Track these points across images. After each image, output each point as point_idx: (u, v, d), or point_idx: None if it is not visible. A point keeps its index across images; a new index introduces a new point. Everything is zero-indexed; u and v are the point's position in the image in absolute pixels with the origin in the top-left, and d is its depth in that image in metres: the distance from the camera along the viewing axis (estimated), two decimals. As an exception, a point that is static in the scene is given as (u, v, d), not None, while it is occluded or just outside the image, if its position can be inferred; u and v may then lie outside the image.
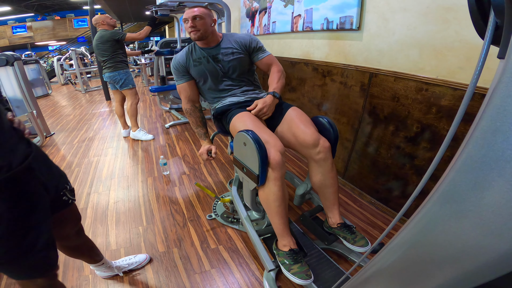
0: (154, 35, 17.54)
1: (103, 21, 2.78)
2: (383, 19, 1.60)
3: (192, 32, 1.43)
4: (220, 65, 1.48)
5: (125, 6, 9.63)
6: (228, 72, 1.50)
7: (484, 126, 0.26)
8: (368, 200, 1.92)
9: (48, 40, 17.10)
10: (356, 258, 1.37)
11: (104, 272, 1.34)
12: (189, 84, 1.53)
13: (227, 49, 1.48)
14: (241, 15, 3.59)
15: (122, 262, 1.39)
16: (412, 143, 1.54)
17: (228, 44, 1.49)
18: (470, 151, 0.27)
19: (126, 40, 2.79)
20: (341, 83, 1.99)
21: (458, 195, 0.29)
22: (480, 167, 0.26)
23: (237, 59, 1.49)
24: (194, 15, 1.40)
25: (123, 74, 2.90)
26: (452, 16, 1.25)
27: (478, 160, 0.26)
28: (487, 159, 0.25)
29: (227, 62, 1.48)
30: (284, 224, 1.19)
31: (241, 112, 1.38)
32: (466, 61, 1.24)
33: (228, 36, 1.53)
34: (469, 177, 0.27)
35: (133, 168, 2.55)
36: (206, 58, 1.48)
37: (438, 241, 0.33)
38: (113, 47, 2.78)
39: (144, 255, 1.46)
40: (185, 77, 1.52)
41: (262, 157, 1.07)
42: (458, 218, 0.29)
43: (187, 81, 1.52)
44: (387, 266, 0.47)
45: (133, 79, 3.05)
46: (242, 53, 1.50)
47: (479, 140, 0.26)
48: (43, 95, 6.55)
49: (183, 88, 1.54)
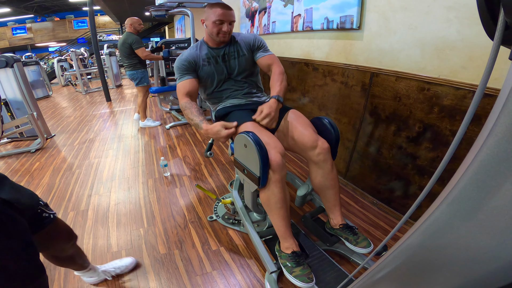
0: (153, 35, 17.53)
1: (131, 24, 3.20)
2: (384, 18, 1.59)
3: (223, 36, 1.41)
4: (227, 66, 1.47)
5: (124, 7, 9.65)
6: (233, 73, 1.49)
7: (498, 133, 0.25)
8: (370, 200, 1.91)
9: (48, 41, 17.12)
10: (358, 259, 1.36)
11: (91, 277, 1.31)
12: (192, 82, 1.43)
13: (234, 49, 1.48)
14: (241, 15, 3.58)
15: (108, 266, 1.37)
16: (414, 143, 1.53)
17: (235, 44, 1.49)
18: (483, 158, 0.26)
19: (136, 52, 3.21)
20: (342, 83, 1.98)
21: (470, 202, 0.28)
22: (494, 175, 0.25)
23: (242, 60, 1.48)
24: (232, 19, 1.39)
25: (140, 73, 3.38)
26: (454, 15, 1.24)
27: (492, 168, 0.25)
28: (502, 167, 0.24)
29: (234, 63, 1.47)
30: (286, 226, 1.18)
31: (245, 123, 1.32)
32: (468, 60, 1.23)
33: (235, 35, 1.52)
34: (482, 184, 0.26)
35: (133, 169, 2.55)
36: (214, 58, 1.46)
37: (448, 246, 0.33)
38: (131, 49, 3.22)
39: (131, 258, 1.44)
40: (190, 74, 1.43)
41: (263, 158, 1.06)
42: (469, 225, 0.29)
43: (191, 78, 1.43)
44: (393, 269, 0.46)
45: (148, 78, 3.51)
46: (246, 54, 1.49)
47: (494, 147, 0.25)
48: (43, 97, 6.55)
49: (186, 84, 1.42)
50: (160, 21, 14.33)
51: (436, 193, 0.37)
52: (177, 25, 11.11)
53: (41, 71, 6.50)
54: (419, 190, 1.58)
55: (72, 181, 2.36)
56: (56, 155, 2.98)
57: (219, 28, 1.38)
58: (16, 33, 16.49)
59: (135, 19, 3.25)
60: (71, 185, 2.29)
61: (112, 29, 17.83)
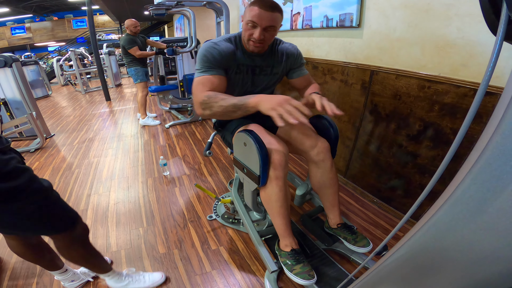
0: (153, 34, 17.50)
1: (128, 26, 3.38)
2: (384, 16, 1.58)
3: (255, 45, 1.11)
4: (254, 80, 1.25)
5: (123, 6, 9.62)
6: (256, 89, 1.29)
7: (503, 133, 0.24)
8: (371, 199, 1.91)
9: (47, 41, 17.09)
10: (358, 259, 1.35)
11: (73, 282, 1.28)
12: (222, 80, 1.14)
13: (270, 63, 1.25)
14: (240, 13, 3.57)
15: (85, 268, 1.35)
16: (414, 141, 1.53)
17: (273, 56, 1.25)
18: (489, 158, 0.25)
19: (130, 52, 3.41)
20: (342, 81, 1.98)
21: (474, 203, 0.27)
22: (500, 175, 0.24)
23: (273, 78, 1.28)
24: (269, 25, 1.06)
25: (133, 70, 3.56)
26: (454, 13, 1.23)
27: (499, 167, 0.24)
28: (508, 167, 0.24)
29: (262, 79, 1.27)
30: (286, 225, 1.18)
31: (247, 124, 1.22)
32: (469, 58, 1.22)
33: (276, 41, 1.28)
34: (487, 185, 0.25)
35: (133, 169, 2.54)
36: (246, 67, 1.21)
37: (450, 248, 0.32)
38: (125, 49, 3.42)
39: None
40: (220, 71, 1.14)
41: (263, 157, 1.05)
42: (472, 226, 0.28)
43: (220, 74, 1.14)
44: (394, 270, 0.46)
45: (143, 75, 3.61)
46: (279, 72, 1.29)
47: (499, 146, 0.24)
48: (43, 96, 6.54)
49: (214, 80, 1.11)
50: (159, 20, 14.30)
51: (436, 192, 0.36)
52: (177, 24, 11.09)
53: (40, 70, 6.48)
54: (419, 188, 1.57)
55: (72, 181, 2.36)
56: (55, 155, 2.97)
57: (250, 34, 1.09)
58: (15, 33, 16.45)
59: (131, 21, 3.39)
60: (70, 185, 2.29)
61: (111, 28, 17.79)
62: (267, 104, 0.91)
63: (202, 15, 5.89)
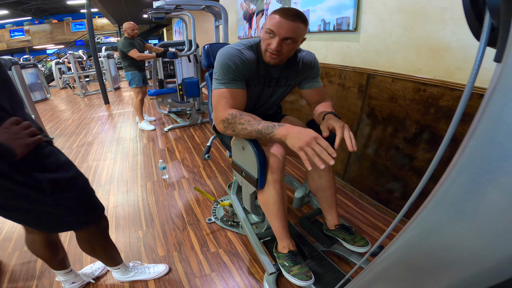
0: (152, 38, 17.55)
1: (125, 29, 3.38)
2: (380, 20, 1.60)
3: (272, 56, 1.03)
4: (269, 92, 1.20)
5: (122, 9, 9.66)
6: (269, 100, 1.24)
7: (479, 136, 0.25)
8: (369, 201, 1.92)
9: (46, 44, 17.11)
10: (357, 260, 1.36)
11: (74, 284, 1.28)
12: (244, 94, 1.08)
13: (287, 74, 1.18)
14: (238, 17, 3.59)
15: (87, 270, 1.37)
16: (411, 144, 1.54)
17: (291, 67, 1.18)
18: (465, 161, 0.27)
19: (129, 55, 3.36)
20: (339, 84, 1.99)
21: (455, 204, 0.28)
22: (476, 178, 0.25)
23: (287, 89, 1.24)
24: (288, 36, 0.97)
25: (130, 75, 3.54)
26: (449, 16, 1.25)
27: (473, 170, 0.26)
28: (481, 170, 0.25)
29: (278, 90, 1.21)
30: (283, 227, 1.19)
31: None
32: (463, 61, 1.24)
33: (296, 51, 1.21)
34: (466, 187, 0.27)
35: (132, 172, 2.55)
36: (263, 79, 1.15)
37: (436, 245, 0.33)
38: (123, 53, 3.39)
39: None
40: (243, 84, 1.08)
41: (261, 161, 1.07)
42: (455, 227, 0.29)
43: (243, 88, 1.08)
44: (387, 269, 0.47)
45: (140, 80, 3.57)
46: (293, 84, 1.22)
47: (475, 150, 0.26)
48: (41, 99, 6.53)
49: (237, 94, 1.05)
50: (158, 23, 14.36)
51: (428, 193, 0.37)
52: (175, 28, 11.14)
53: (39, 73, 6.49)
54: (416, 190, 1.58)
55: (70, 184, 2.35)
56: (54, 158, 2.97)
57: (268, 43, 1.01)
58: (14, 36, 16.48)
59: (129, 24, 3.38)
60: (69, 188, 2.28)
61: (110, 31, 17.85)
62: (296, 141, 0.88)
63: (201, 18, 5.93)
